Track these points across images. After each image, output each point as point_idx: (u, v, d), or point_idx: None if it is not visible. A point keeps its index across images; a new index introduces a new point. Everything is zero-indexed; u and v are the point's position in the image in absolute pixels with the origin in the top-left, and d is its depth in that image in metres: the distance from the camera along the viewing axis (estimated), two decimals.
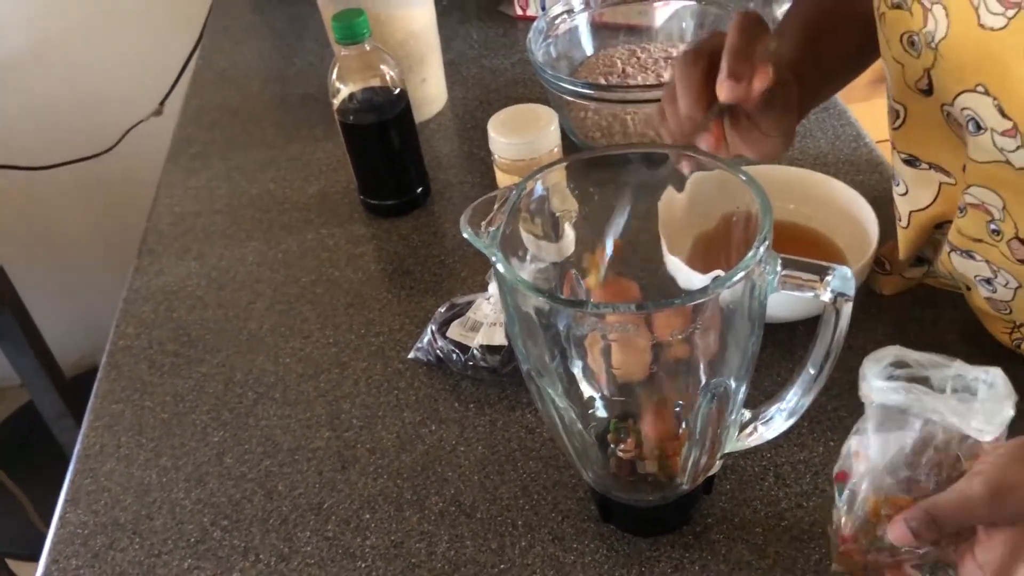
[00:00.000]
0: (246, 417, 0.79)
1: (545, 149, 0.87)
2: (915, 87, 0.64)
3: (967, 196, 0.64)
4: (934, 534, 0.52)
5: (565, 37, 1.06)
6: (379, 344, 0.84)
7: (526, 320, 0.55)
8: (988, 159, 0.60)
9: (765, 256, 0.51)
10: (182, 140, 1.17)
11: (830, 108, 1.05)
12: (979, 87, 0.57)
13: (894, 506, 0.55)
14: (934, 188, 0.70)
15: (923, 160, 0.69)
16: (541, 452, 0.73)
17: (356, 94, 0.94)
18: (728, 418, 0.59)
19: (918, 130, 0.67)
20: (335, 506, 0.71)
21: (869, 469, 0.55)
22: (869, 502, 0.55)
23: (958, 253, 0.69)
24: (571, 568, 0.65)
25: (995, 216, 0.63)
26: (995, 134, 0.58)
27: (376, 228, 0.98)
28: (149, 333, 0.89)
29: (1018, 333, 0.71)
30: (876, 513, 0.55)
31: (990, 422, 0.51)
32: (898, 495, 0.54)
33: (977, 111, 0.58)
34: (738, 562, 0.64)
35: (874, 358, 0.54)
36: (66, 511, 0.74)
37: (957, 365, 0.54)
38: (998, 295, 0.68)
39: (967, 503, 0.50)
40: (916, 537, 0.52)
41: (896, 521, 0.53)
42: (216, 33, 1.41)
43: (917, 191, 0.71)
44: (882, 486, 0.55)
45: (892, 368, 0.54)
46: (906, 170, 0.71)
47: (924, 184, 0.70)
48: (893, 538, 0.53)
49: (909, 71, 0.64)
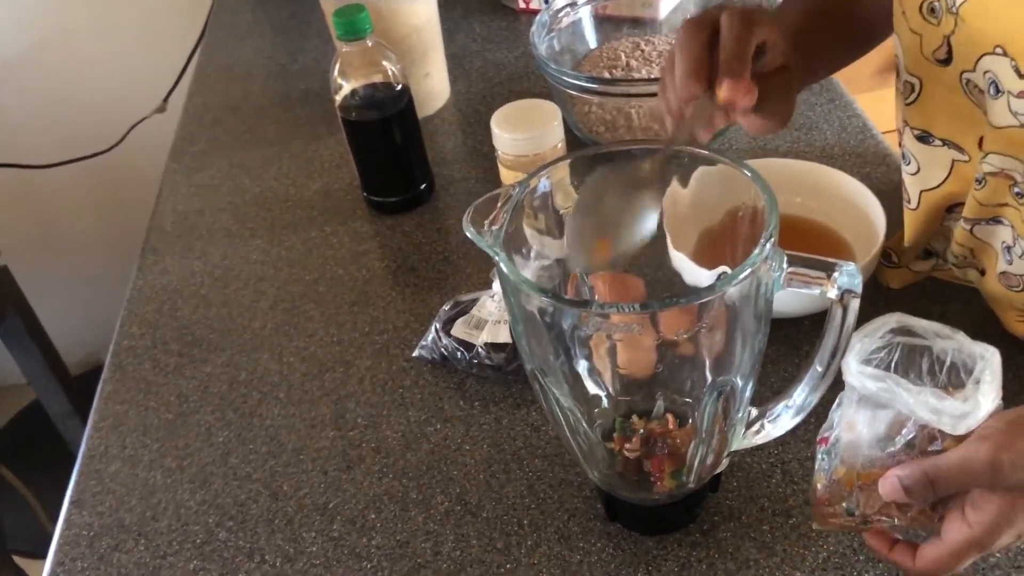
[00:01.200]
0: (251, 417, 0.79)
1: (549, 145, 0.86)
2: (932, 58, 0.64)
3: (985, 165, 0.63)
4: (928, 495, 0.51)
5: (568, 30, 1.05)
6: (383, 342, 0.84)
7: (530, 319, 0.54)
8: (1005, 124, 0.60)
9: (771, 254, 0.51)
10: (184, 138, 1.16)
11: (836, 100, 1.04)
12: (998, 48, 0.58)
13: (867, 478, 0.55)
14: (947, 166, 0.69)
15: (936, 136, 0.68)
16: (547, 450, 0.72)
17: (358, 90, 0.93)
18: (735, 416, 0.59)
19: (933, 103, 0.67)
20: (340, 506, 0.71)
21: (849, 439, 0.55)
22: (840, 471, 0.55)
23: (983, 223, 0.68)
24: (577, 567, 0.64)
25: (1018, 180, 0.62)
26: (1011, 97, 0.58)
27: (380, 225, 0.97)
28: (153, 333, 0.89)
29: None
30: (850, 483, 0.55)
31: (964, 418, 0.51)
32: (872, 469, 0.54)
33: (997, 73, 0.58)
34: (745, 560, 0.63)
35: (866, 331, 0.54)
36: (71, 513, 0.74)
37: (960, 337, 0.53)
38: (1014, 267, 0.67)
39: (969, 468, 0.50)
40: (908, 495, 0.51)
41: (889, 476, 0.52)
42: (218, 30, 1.41)
43: (929, 169, 0.70)
44: (857, 456, 0.54)
45: (893, 335, 0.54)
46: (918, 147, 0.70)
47: (936, 162, 0.70)
48: (883, 492, 0.52)
49: (927, 40, 0.64)
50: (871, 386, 0.52)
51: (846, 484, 0.56)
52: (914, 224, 0.75)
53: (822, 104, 1.04)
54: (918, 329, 0.53)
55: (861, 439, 0.54)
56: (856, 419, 0.54)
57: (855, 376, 0.53)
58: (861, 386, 0.53)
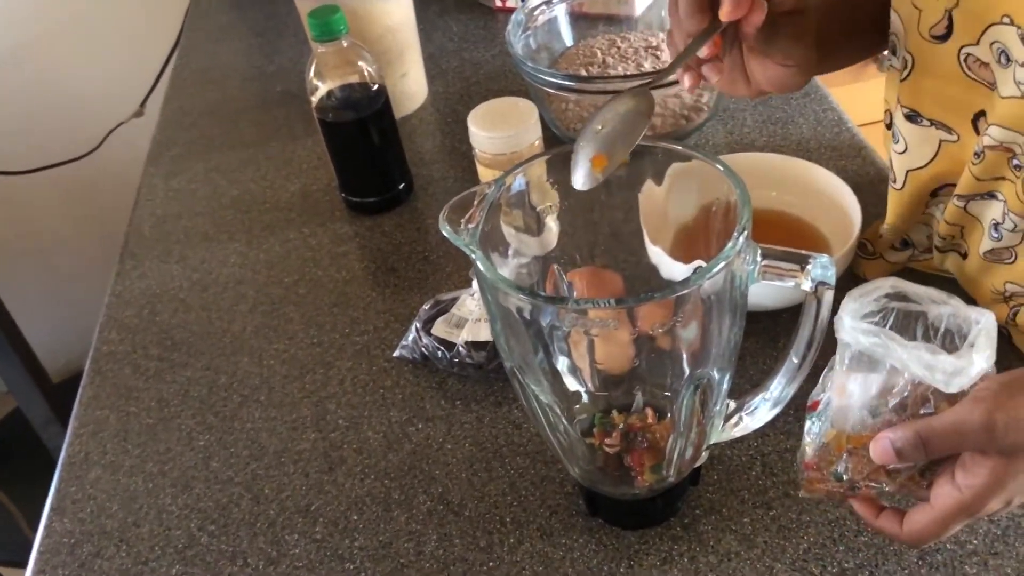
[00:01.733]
0: (231, 420, 0.79)
1: (526, 142, 0.87)
2: (930, 34, 0.64)
3: (986, 138, 0.64)
4: (919, 456, 0.51)
5: (544, 28, 1.05)
6: (364, 343, 0.84)
7: (508, 317, 0.55)
8: (1009, 94, 0.60)
9: (744, 247, 0.51)
10: (162, 142, 1.16)
11: (811, 93, 1.05)
12: (1005, 18, 0.58)
13: (858, 442, 0.54)
14: (934, 145, 0.69)
15: (925, 116, 0.68)
16: (528, 448, 0.72)
17: (334, 91, 0.93)
18: (713, 409, 0.59)
19: (925, 81, 0.67)
20: (323, 508, 0.71)
21: (840, 404, 0.54)
22: (831, 434, 0.55)
23: (978, 199, 0.68)
24: (560, 563, 0.65)
25: (1017, 152, 0.63)
26: (1017, 67, 0.58)
27: (359, 226, 0.97)
28: (133, 338, 0.88)
29: (1014, 301, 0.71)
30: (840, 446, 0.55)
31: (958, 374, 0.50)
32: (863, 433, 0.54)
33: (1006, 43, 0.59)
34: (726, 553, 0.64)
35: (858, 292, 0.53)
36: (52, 520, 0.73)
37: (955, 303, 0.53)
38: (1003, 241, 0.68)
39: (962, 429, 0.49)
40: (899, 457, 0.51)
41: (881, 439, 0.51)
42: (194, 32, 1.40)
43: (916, 148, 0.71)
44: (846, 421, 0.54)
45: (887, 300, 0.53)
46: (907, 126, 0.70)
47: (924, 141, 0.70)
48: (874, 455, 0.52)
49: (927, 16, 0.64)
50: (864, 341, 0.52)
51: (835, 448, 0.55)
52: (898, 205, 0.75)
53: (797, 98, 1.04)
54: (913, 294, 0.53)
55: (852, 403, 0.54)
56: (847, 382, 0.54)
57: (848, 332, 0.52)
58: (855, 341, 0.52)
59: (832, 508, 0.65)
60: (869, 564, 0.62)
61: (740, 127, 1.01)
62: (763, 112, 1.03)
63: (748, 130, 1.01)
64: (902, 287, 0.53)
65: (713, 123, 1.02)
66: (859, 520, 0.63)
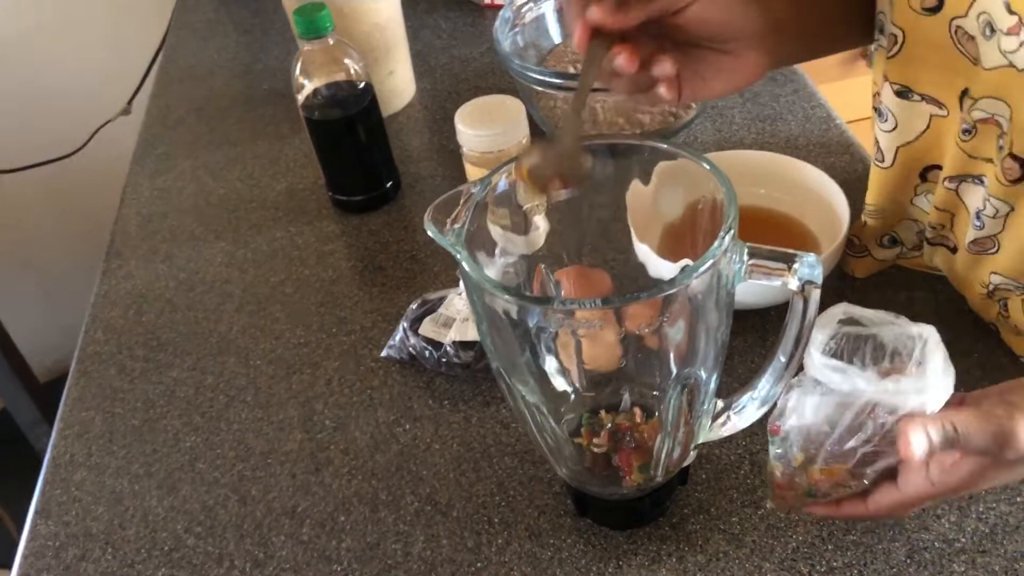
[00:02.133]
0: (218, 421, 0.78)
1: (514, 140, 0.86)
2: (920, 8, 0.63)
3: (976, 112, 0.63)
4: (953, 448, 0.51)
5: (532, 25, 1.05)
6: (351, 343, 0.83)
7: (494, 318, 0.54)
8: (995, 64, 0.60)
9: (731, 246, 0.51)
10: (148, 140, 1.15)
11: (800, 90, 1.05)
12: None
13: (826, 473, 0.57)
14: (925, 120, 0.69)
15: (915, 91, 0.68)
16: (516, 447, 0.72)
17: (321, 89, 0.92)
18: (700, 408, 0.59)
19: (916, 54, 0.67)
20: (309, 509, 0.70)
21: (800, 427, 0.56)
22: (799, 459, 0.57)
23: (968, 181, 0.68)
24: (548, 564, 0.64)
25: (1004, 129, 0.63)
26: (1001, 35, 0.58)
27: (346, 225, 0.97)
28: (118, 338, 0.88)
29: (999, 294, 0.71)
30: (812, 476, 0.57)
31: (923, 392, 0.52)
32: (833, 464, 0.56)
33: (992, 13, 0.58)
34: (715, 552, 0.64)
35: (822, 322, 0.55)
36: (36, 523, 0.73)
37: (900, 322, 0.55)
38: (985, 231, 0.68)
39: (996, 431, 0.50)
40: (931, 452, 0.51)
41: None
42: (181, 30, 1.39)
43: (907, 123, 0.70)
44: (811, 444, 0.56)
45: (840, 326, 0.55)
46: (897, 103, 0.70)
47: (915, 116, 0.70)
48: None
49: None
50: (835, 378, 0.53)
51: (809, 477, 0.57)
52: (885, 184, 0.74)
53: (786, 95, 1.04)
54: (862, 318, 0.55)
55: (808, 425, 0.55)
56: (803, 405, 0.55)
57: (819, 370, 0.54)
58: (826, 380, 0.54)
59: None
60: (857, 563, 0.62)
61: (728, 124, 1.01)
62: (751, 109, 1.03)
63: (736, 127, 1.01)
64: (852, 311, 0.55)
65: (701, 120, 1.02)
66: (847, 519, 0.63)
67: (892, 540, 0.63)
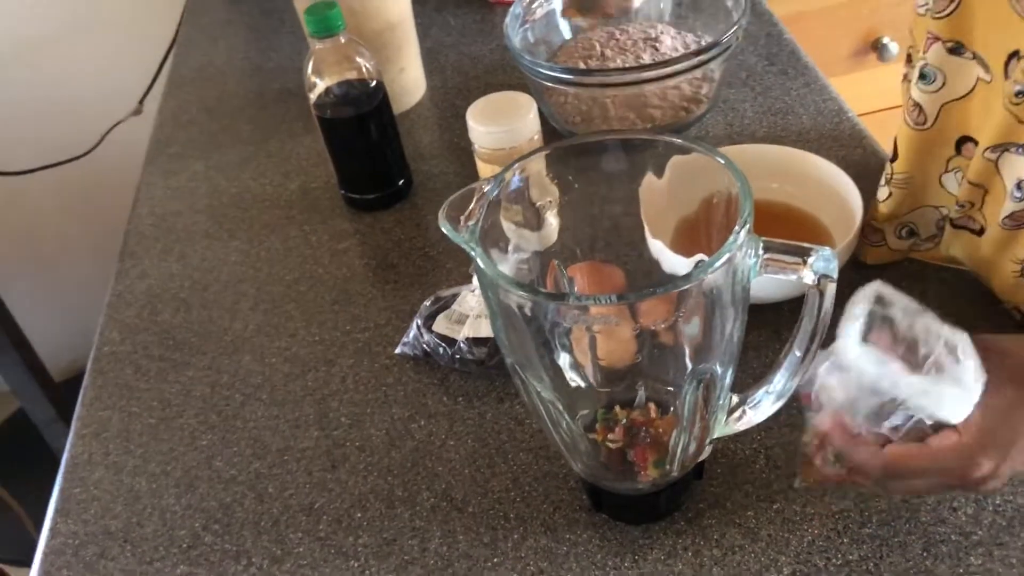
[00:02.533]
0: (234, 419, 0.79)
1: (525, 137, 0.86)
2: None
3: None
4: None
5: (542, 21, 1.05)
6: (365, 340, 0.83)
7: (509, 314, 0.54)
8: None
9: (746, 240, 0.51)
10: (160, 140, 1.16)
11: (811, 84, 1.04)
12: None
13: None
14: (971, 80, 0.69)
15: (968, 48, 0.67)
16: (531, 443, 0.72)
17: (332, 88, 0.93)
18: (716, 403, 0.59)
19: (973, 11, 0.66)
20: (326, 506, 0.71)
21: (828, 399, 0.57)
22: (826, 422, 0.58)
23: (1011, 151, 0.67)
24: (564, 559, 0.65)
25: None
26: None
27: (359, 223, 0.97)
28: (134, 338, 0.88)
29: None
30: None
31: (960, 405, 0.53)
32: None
33: None
34: (731, 546, 0.64)
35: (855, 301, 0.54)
36: (56, 521, 0.73)
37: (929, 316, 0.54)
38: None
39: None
40: None
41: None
42: (192, 30, 1.40)
43: (955, 81, 0.69)
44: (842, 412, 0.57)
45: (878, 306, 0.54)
46: (948, 60, 0.69)
47: (964, 75, 0.69)
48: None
49: None
50: (870, 371, 0.53)
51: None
52: (919, 148, 0.73)
53: (797, 88, 1.04)
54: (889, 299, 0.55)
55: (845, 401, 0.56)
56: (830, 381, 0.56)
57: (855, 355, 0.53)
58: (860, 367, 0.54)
59: (836, 500, 0.65)
60: (874, 556, 0.62)
61: (740, 118, 1.01)
62: (763, 103, 1.03)
63: (748, 121, 1.00)
64: (884, 292, 0.54)
65: (713, 114, 1.01)
66: (863, 512, 0.63)
67: (908, 533, 0.63)
